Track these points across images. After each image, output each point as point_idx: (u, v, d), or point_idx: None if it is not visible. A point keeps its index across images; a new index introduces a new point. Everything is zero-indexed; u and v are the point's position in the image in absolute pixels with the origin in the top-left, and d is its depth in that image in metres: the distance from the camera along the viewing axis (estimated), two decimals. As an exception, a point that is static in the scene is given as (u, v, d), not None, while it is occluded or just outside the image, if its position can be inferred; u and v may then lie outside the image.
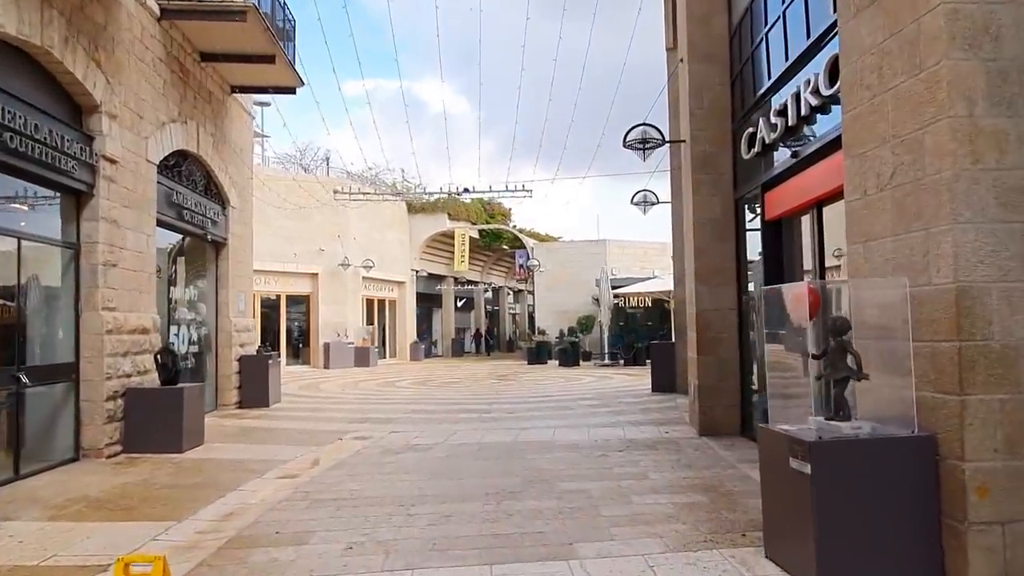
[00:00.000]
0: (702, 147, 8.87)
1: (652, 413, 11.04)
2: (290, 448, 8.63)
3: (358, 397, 14.92)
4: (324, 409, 12.75)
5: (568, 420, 10.54)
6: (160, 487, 6.60)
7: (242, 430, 10.22)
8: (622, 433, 9.17)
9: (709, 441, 8.29)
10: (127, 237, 8.62)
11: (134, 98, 8.88)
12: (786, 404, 4.40)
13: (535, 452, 7.98)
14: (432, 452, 8.20)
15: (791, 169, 6.91)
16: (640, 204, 14.12)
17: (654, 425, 9.76)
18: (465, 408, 12.49)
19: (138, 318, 8.78)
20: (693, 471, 6.71)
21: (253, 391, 12.77)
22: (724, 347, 8.72)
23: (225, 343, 12.47)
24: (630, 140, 9.40)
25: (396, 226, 30.94)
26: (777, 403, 4.41)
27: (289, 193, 25.16)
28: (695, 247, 8.86)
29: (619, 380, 18.11)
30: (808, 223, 6.75)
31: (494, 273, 43.13)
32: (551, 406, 12.39)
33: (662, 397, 13.00)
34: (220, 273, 12.57)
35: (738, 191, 8.72)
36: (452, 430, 9.87)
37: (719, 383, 8.71)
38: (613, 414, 11.09)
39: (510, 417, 11.14)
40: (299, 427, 10.47)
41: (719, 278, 8.78)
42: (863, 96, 4.28)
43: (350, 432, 9.88)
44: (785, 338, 4.49)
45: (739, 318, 8.72)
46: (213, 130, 11.76)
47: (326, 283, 26.23)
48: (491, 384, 18.22)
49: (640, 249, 31.29)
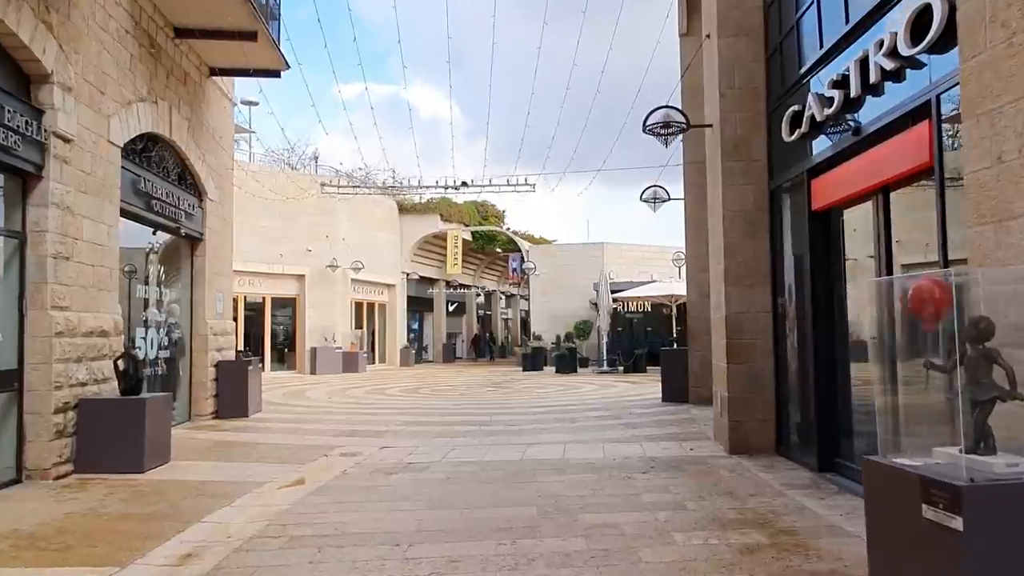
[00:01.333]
0: (733, 131, 7.95)
1: (668, 426, 10.08)
2: (268, 467, 7.61)
3: (346, 406, 13.88)
4: (309, 420, 11.72)
5: (578, 434, 9.57)
6: (109, 518, 5.56)
7: (216, 445, 9.18)
8: (641, 450, 8.21)
9: (743, 461, 7.33)
10: (83, 227, 7.58)
11: (94, 71, 7.86)
12: (894, 429, 3.44)
13: (548, 473, 7.00)
14: (430, 473, 7.21)
15: (849, 150, 6.00)
16: (650, 201, 13.20)
17: (674, 441, 8.81)
18: (463, 419, 11.49)
19: (96, 319, 7.74)
20: (737, 500, 5.75)
21: (231, 400, 11.73)
22: (757, 354, 7.79)
23: (201, 347, 11.42)
24: (651, 124, 8.47)
25: (386, 227, 29.91)
26: (885, 428, 3.44)
27: (276, 191, 24.13)
28: (724, 243, 7.93)
29: (622, 388, 17.16)
30: (871, 212, 5.81)
31: (487, 277, 42.16)
32: (556, 418, 11.41)
33: (675, 408, 12.05)
34: (196, 271, 11.53)
35: (774, 180, 7.80)
36: (450, 445, 8.88)
37: (751, 395, 7.77)
38: (626, 427, 10.12)
39: (513, 430, 10.15)
40: (280, 441, 9.44)
41: (751, 278, 7.85)
42: (995, 37, 3.36)
43: (337, 447, 8.86)
44: (886, 345, 3.54)
45: (774, 322, 7.78)
46: (189, 114, 10.74)
47: (313, 285, 25.17)
48: (487, 392, 17.23)
49: (638, 252, 30.40)
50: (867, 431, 6.44)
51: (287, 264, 24.51)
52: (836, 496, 5.79)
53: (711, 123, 8.40)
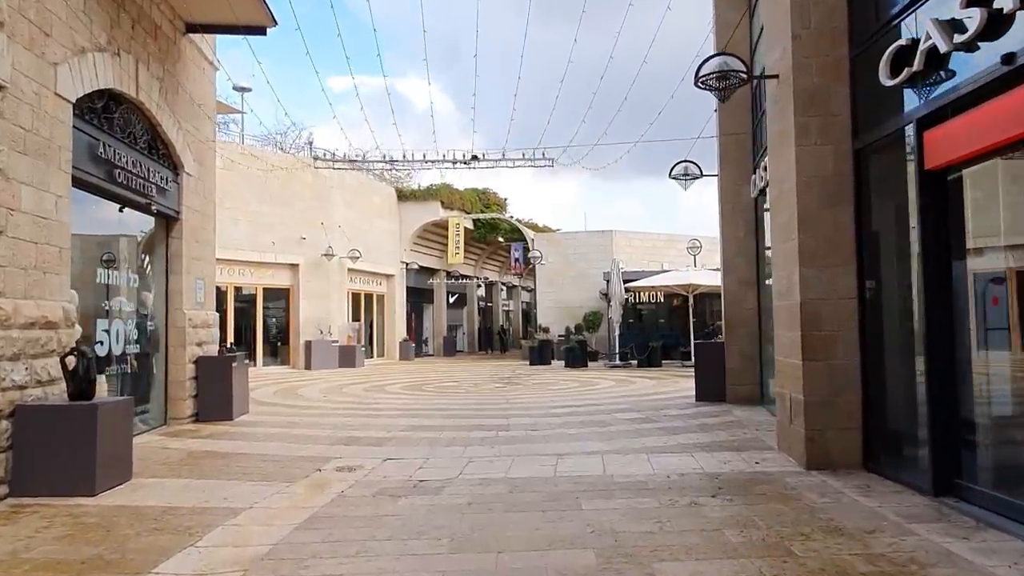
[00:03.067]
0: (808, 81, 6.59)
1: (715, 431, 8.76)
2: (249, 486, 6.27)
3: (343, 407, 12.53)
4: (300, 424, 10.37)
5: (613, 442, 8.24)
6: (31, 568, 4.22)
7: (191, 456, 7.83)
8: (695, 463, 6.88)
9: (828, 480, 6.01)
10: (21, 195, 6.20)
11: (35, 5, 6.47)
12: None
13: (593, 497, 5.68)
14: (446, 496, 5.87)
15: (989, 88, 4.65)
16: (680, 178, 11.84)
17: (730, 451, 7.48)
18: (475, 423, 10.15)
19: (38, 307, 6.38)
20: (854, 541, 4.42)
21: (213, 401, 10.38)
22: (839, 349, 6.45)
23: (177, 341, 10.06)
24: (705, 74, 7.11)
25: (385, 214, 28.53)
26: None
27: (268, 174, 22.72)
28: (798, 216, 6.57)
29: (643, 385, 15.83)
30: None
31: (488, 267, 40.82)
32: (582, 420, 10.08)
33: (713, 408, 10.73)
34: (171, 255, 10.15)
35: (860, 138, 6.45)
36: (466, 456, 7.55)
37: (832, 398, 6.44)
38: (666, 432, 8.80)
39: (536, 436, 8.82)
40: (266, 451, 8.10)
41: (832, 256, 6.51)
42: None
43: (332, 459, 7.53)
44: None
45: (860, 310, 6.45)
46: (161, 74, 9.35)
47: (308, 275, 23.78)
48: (497, 389, 15.89)
49: (648, 241, 29.06)
50: (996, 443, 5.13)
51: (280, 252, 23.11)
52: (980, 533, 4.47)
53: (777, 73, 7.04)
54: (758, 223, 11.13)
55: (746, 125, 11.29)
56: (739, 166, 11.29)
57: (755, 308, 11.12)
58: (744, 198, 11.21)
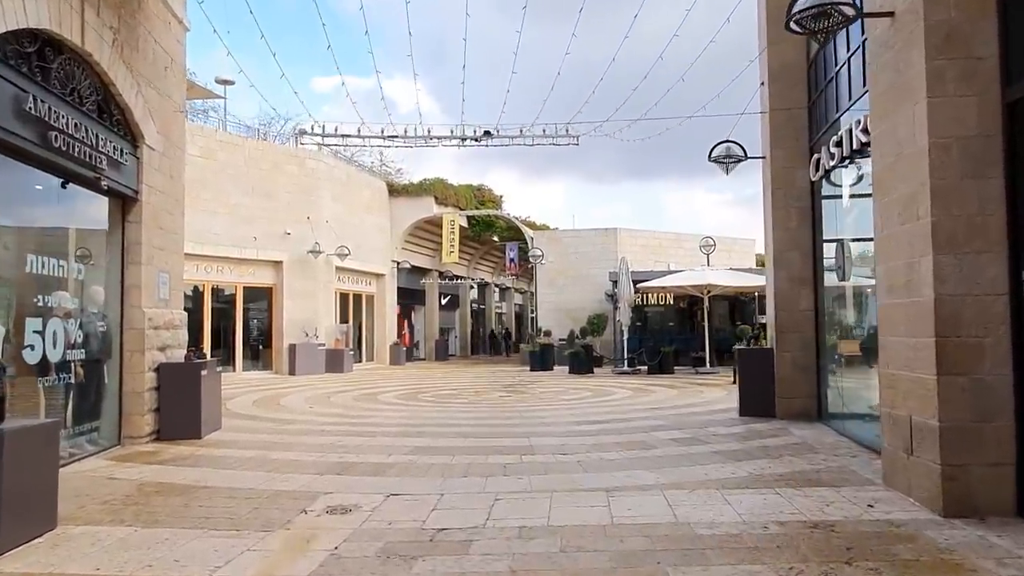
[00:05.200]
0: (944, 13, 5.11)
1: (785, 457, 7.25)
2: (211, 541, 4.68)
3: (332, 421, 10.91)
4: (282, 443, 8.74)
5: (666, 470, 6.71)
6: None
7: (140, 492, 6.21)
8: (788, 505, 5.37)
9: (989, 536, 4.50)
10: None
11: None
12: None
13: (679, 561, 4.14)
14: (476, 557, 4.32)
15: None
16: (723, 161, 10.35)
17: (824, 487, 5.97)
18: (490, 443, 8.58)
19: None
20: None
21: (178, 416, 8.76)
22: (987, 361, 4.96)
23: (135, 345, 8.43)
24: (800, 10, 5.59)
25: (375, 210, 26.91)
26: None
27: (250, 164, 21.09)
28: (931, 187, 5.09)
29: (663, 395, 14.33)
30: None
31: (481, 268, 39.29)
32: (617, 440, 8.54)
33: (766, 426, 9.22)
34: (129, 242, 8.52)
35: (1012, 88, 4.97)
36: (489, 491, 6.00)
37: (978, 423, 4.95)
38: (725, 458, 7.29)
39: (569, 462, 7.27)
40: (238, 482, 6.50)
41: (976, 241, 5.02)
42: None
43: (321, 494, 5.95)
44: None
45: (1014, 309, 4.96)
46: (116, 24, 7.74)
47: (292, 273, 22.12)
48: (502, 399, 14.33)
49: (654, 239, 27.65)
50: None
51: (262, 248, 21.44)
52: None
53: (892, 10, 5.56)
54: (815, 211, 9.67)
55: (800, 99, 9.82)
56: (792, 146, 9.82)
57: (811, 310, 9.65)
58: (798, 183, 9.75)
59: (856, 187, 8.30)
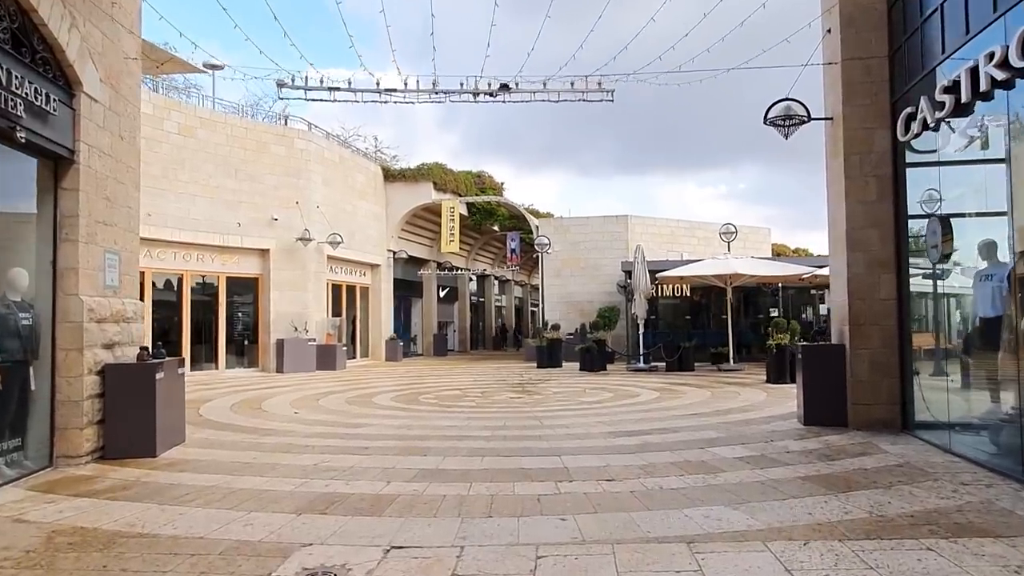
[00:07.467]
0: None
1: (896, 485, 5.64)
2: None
3: (319, 432, 9.25)
4: (254, 465, 7.07)
5: (755, 508, 5.10)
6: None
7: (49, 545, 4.55)
8: (961, 572, 3.77)
9: None
10: None
11: None
12: None
13: None
14: None
15: None
16: (781, 124, 8.72)
17: (989, 539, 4.37)
18: (514, 464, 6.94)
19: None
20: None
21: (127, 428, 7.12)
22: None
23: (70, 343, 6.77)
24: None
25: (370, 196, 25.23)
26: None
27: (232, 144, 19.42)
28: None
29: (696, 396, 12.74)
30: None
31: (481, 259, 37.66)
32: (673, 461, 6.90)
33: (844, 440, 7.62)
34: (63, 214, 6.85)
35: None
36: (527, 542, 4.38)
37: None
38: (820, 487, 5.68)
39: (622, 494, 5.64)
40: (184, 528, 4.84)
41: None
42: None
43: (297, 547, 4.33)
44: None
45: None
46: (38, -67, 6.05)
47: (280, 262, 20.45)
48: (514, 401, 12.71)
49: (666, 228, 26.04)
50: None
51: (247, 236, 19.76)
52: None
53: None
54: (897, 181, 8.07)
55: (880, 46, 8.20)
56: (870, 102, 8.21)
57: (894, 299, 8.05)
58: (878, 146, 8.14)
59: (968, 148, 6.70)
